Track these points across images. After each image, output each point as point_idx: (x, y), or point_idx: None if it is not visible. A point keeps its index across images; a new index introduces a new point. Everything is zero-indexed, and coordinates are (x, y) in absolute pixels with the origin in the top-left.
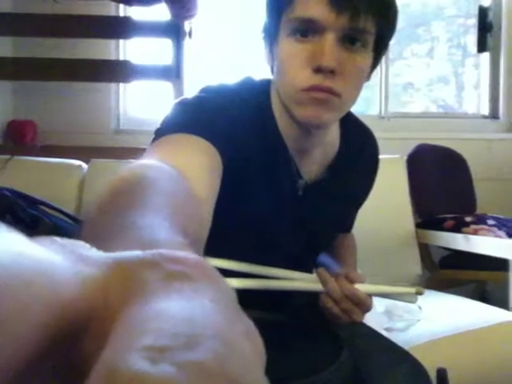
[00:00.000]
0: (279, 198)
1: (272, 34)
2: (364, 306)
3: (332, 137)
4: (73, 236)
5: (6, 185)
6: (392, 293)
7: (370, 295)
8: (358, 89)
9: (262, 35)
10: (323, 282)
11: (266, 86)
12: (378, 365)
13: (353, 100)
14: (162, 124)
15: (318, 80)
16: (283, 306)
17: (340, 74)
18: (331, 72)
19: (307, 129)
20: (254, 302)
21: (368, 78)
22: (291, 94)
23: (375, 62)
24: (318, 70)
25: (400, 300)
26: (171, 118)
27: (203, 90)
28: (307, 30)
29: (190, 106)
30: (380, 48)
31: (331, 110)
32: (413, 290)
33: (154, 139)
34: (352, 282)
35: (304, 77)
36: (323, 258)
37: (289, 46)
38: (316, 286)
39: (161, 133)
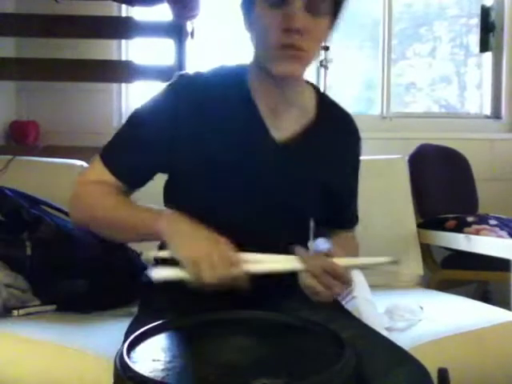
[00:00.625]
0: (249, 149)
1: (249, 5)
2: (343, 278)
3: (305, 101)
4: (74, 236)
5: (8, 185)
6: (369, 264)
7: (349, 268)
8: (319, 47)
9: (241, 7)
10: (302, 260)
11: (243, 65)
12: (380, 365)
13: (315, 56)
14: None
15: (288, 39)
16: (283, 306)
17: (306, 34)
18: (298, 32)
19: (281, 85)
20: (253, 302)
21: (326, 39)
22: (268, 52)
23: (333, 25)
24: (287, 31)
25: (380, 269)
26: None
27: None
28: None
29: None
30: (337, 12)
31: (300, 63)
32: (389, 259)
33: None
34: (330, 257)
35: (277, 36)
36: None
37: (264, 12)
38: (295, 265)
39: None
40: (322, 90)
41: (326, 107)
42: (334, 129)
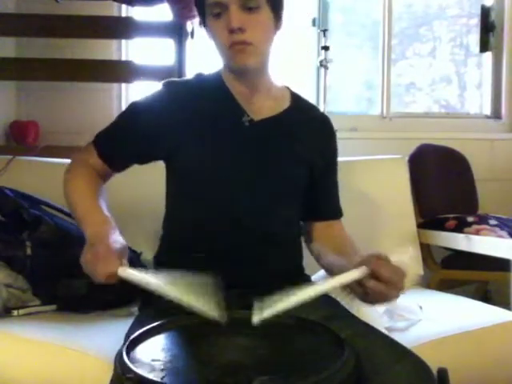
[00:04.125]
0: (228, 129)
1: (202, 18)
2: (404, 274)
3: (279, 94)
4: (74, 236)
5: (8, 185)
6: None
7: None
8: (267, 38)
9: (199, 25)
10: (377, 268)
11: (218, 70)
12: (380, 363)
13: (265, 46)
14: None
15: (233, 38)
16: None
17: (248, 31)
18: (240, 30)
19: (244, 76)
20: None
21: (277, 28)
22: (223, 52)
23: (277, 17)
24: (231, 31)
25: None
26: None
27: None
28: (220, 11)
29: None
30: (275, 6)
31: (250, 55)
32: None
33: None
34: (386, 259)
35: (225, 39)
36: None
37: (213, 23)
38: (355, 275)
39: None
40: (321, 90)
41: (301, 103)
42: (308, 118)
